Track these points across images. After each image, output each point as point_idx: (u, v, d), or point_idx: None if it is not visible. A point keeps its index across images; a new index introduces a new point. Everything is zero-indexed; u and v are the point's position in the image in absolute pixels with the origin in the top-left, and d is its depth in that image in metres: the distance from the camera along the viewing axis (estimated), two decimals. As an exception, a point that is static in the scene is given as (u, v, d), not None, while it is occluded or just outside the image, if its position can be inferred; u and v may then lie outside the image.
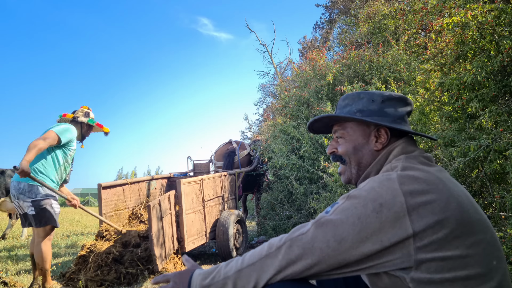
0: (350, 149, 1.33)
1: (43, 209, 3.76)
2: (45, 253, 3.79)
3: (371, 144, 1.30)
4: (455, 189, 1.10)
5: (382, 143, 1.28)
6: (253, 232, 7.94)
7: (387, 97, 1.30)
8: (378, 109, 1.29)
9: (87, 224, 11.39)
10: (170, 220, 4.47)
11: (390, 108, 1.29)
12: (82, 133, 4.26)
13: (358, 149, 1.31)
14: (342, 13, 16.11)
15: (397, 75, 5.93)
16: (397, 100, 1.31)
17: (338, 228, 1.06)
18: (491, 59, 3.24)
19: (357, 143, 1.32)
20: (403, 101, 1.32)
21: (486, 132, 3.07)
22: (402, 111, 1.30)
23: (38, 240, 3.82)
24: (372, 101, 1.30)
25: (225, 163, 7.12)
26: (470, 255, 1.02)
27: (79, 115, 4.20)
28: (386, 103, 1.29)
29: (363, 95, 1.33)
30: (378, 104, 1.29)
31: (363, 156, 1.31)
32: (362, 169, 1.32)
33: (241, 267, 1.14)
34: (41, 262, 3.78)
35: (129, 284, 4.02)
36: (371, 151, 1.30)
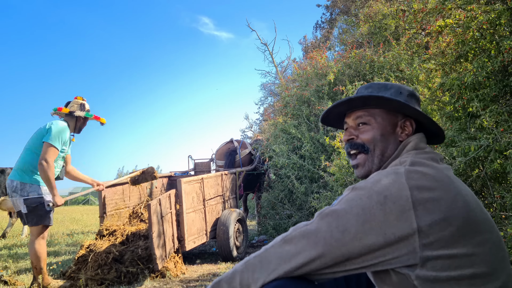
0: (378, 136, 1.27)
1: (35, 207, 3.75)
2: (39, 252, 3.78)
3: (397, 134, 1.28)
4: (462, 188, 1.10)
5: (407, 135, 1.27)
6: (254, 231, 7.95)
7: (412, 92, 1.33)
8: (405, 101, 1.28)
9: (88, 223, 11.41)
10: (170, 219, 4.47)
11: (413, 103, 1.31)
12: (78, 125, 4.20)
13: (385, 137, 1.27)
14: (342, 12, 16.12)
15: (398, 75, 5.93)
16: (416, 98, 1.34)
17: (342, 218, 1.06)
18: (492, 59, 3.24)
19: (385, 131, 1.28)
20: (419, 100, 1.36)
21: (487, 132, 3.07)
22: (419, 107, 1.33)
23: (32, 239, 3.81)
24: (400, 93, 1.31)
25: (226, 161, 7.13)
26: (476, 254, 1.02)
27: (74, 108, 4.12)
28: (411, 98, 1.32)
29: (390, 86, 1.34)
30: (405, 97, 1.30)
31: (388, 146, 1.27)
32: (384, 160, 1.28)
33: (249, 259, 1.16)
34: (35, 260, 3.77)
35: (129, 283, 4.02)
36: (396, 141, 1.27)
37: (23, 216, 3.81)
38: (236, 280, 1.14)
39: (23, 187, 3.75)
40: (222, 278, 1.18)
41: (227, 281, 1.16)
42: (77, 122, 4.18)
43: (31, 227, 3.81)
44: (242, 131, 21.84)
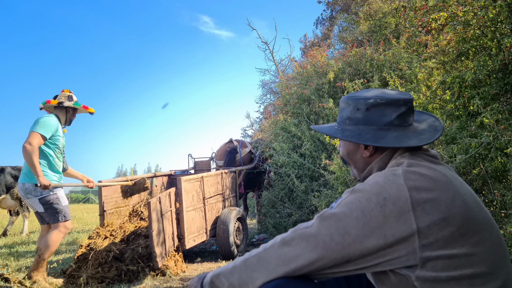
0: (345, 153, 1.38)
1: (51, 204, 3.82)
2: (52, 242, 3.80)
3: (361, 151, 1.31)
4: (460, 187, 1.10)
5: (370, 151, 1.28)
6: (254, 230, 7.95)
7: (371, 104, 1.25)
8: (363, 117, 1.27)
9: (88, 221, 11.42)
10: (170, 217, 4.47)
11: (375, 115, 1.25)
12: (68, 117, 4.23)
13: (351, 154, 1.35)
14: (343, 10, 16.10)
15: (398, 73, 5.92)
16: (384, 105, 1.24)
17: (342, 221, 1.06)
18: (493, 57, 3.24)
19: (349, 149, 1.36)
20: (393, 104, 1.24)
21: (488, 129, 3.06)
22: (390, 117, 1.24)
23: (53, 229, 3.88)
24: (357, 109, 1.29)
25: (226, 160, 7.13)
26: (476, 253, 1.02)
27: (63, 99, 4.14)
28: (371, 110, 1.25)
29: (350, 101, 1.32)
30: (363, 112, 1.27)
31: (357, 161, 1.35)
32: (360, 170, 1.35)
33: (248, 257, 1.17)
34: (44, 249, 3.78)
35: (129, 281, 4.02)
36: (362, 158, 1.32)
37: (41, 216, 3.90)
38: (234, 276, 1.16)
39: (35, 188, 3.79)
40: (221, 271, 1.20)
41: (225, 275, 1.18)
42: (67, 114, 4.21)
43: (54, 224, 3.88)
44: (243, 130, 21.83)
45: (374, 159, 1.28)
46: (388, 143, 1.21)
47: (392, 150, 1.25)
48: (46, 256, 3.80)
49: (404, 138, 1.22)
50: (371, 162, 1.29)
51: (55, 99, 4.15)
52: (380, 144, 1.21)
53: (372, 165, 1.28)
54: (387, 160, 1.25)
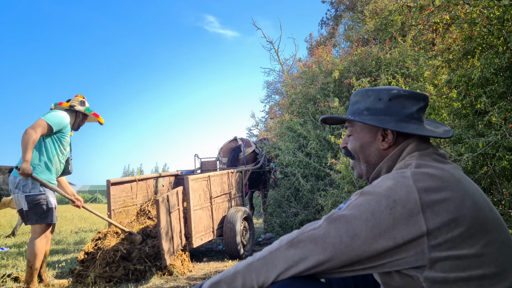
0: (357, 147, 1.33)
1: (37, 204, 3.67)
2: (38, 250, 3.68)
3: (378, 143, 1.28)
4: (470, 187, 1.09)
5: (388, 143, 1.26)
6: (260, 229, 7.96)
7: (395, 94, 1.27)
8: (385, 108, 1.26)
9: (96, 221, 11.48)
10: (178, 215, 4.50)
11: (398, 106, 1.26)
12: (77, 122, 4.19)
13: (364, 147, 1.31)
14: (348, 9, 16.05)
15: (404, 71, 5.90)
16: (406, 97, 1.27)
17: (351, 223, 1.05)
18: (499, 55, 3.22)
19: (364, 141, 1.31)
20: (414, 97, 1.27)
21: (495, 128, 3.05)
22: (411, 109, 1.26)
23: (34, 237, 3.71)
24: (379, 100, 1.28)
25: (230, 158, 7.15)
26: (485, 254, 1.01)
27: (75, 103, 4.10)
28: (394, 101, 1.26)
29: (371, 92, 1.31)
30: (385, 103, 1.27)
31: (370, 154, 1.31)
32: (371, 166, 1.32)
33: (252, 261, 1.14)
34: (32, 259, 3.66)
35: (137, 280, 4.05)
36: (378, 150, 1.29)
37: (24, 214, 3.70)
38: (237, 281, 1.13)
39: (25, 182, 3.67)
40: (221, 278, 1.16)
41: (227, 282, 1.14)
42: (77, 118, 4.17)
43: (34, 226, 3.71)
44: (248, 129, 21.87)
45: (389, 153, 1.27)
46: (414, 131, 1.22)
47: (401, 148, 1.25)
48: (37, 265, 3.69)
49: (425, 130, 1.24)
50: (385, 157, 1.27)
51: (67, 102, 4.12)
52: (406, 130, 1.21)
53: (382, 165, 1.27)
54: (396, 158, 1.24)
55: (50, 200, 3.75)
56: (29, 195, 3.66)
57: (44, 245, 3.75)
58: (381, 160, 1.28)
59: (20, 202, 3.68)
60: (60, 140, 3.93)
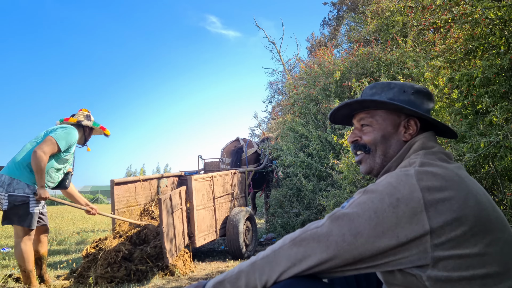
0: (378, 137, 1.29)
1: (18, 206, 3.60)
2: (26, 253, 3.63)
3: (400, 134, 1.27)
4: (473, 186, 1.09)
5: (411, 134, 1.26)
6: (262, 229, 7.97)
7: (417, 89, 1.29)
8: (409, 100, 1.27)
9: (97, 221, 11.51)
10: (181, 215, 4.52)
11: (419, 100, 1.29)
12: (85, 136, 4.17)
13: (386, 137, 1.28)
14: (350, 9, 16.06)
15: (406, 72, 5.90)
16: (425, 94, 1.30)
17: (354, 222, 1.05)
18: (501, 55, 3.22)
19: (386, 131, 1.28)
20: (430, 96, 1.32)
21: (497, 128, 3.05)
22: (428, 106, 1.31)
23: (17, 240, 3.64)
24: (404, 92, 1.29)
25: (233, 159, 7.17)
26: (489, 253, 1.01)
27: (81, 118, 4.10)
28: (416, 95, 1.29)
29: (393, 85, 1.31)
30: (409, 95, 1.28)
31: (390, 146, 1.28)
32: (387, 160, 1.29)
33: (255, 260, 1.14)
34: (23, 263, 3.62)
35: (138, 280, 4.05)
36: (399, 141, 1.27)
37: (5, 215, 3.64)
38: (241, 280, 1.12)
39: (10, 182, 3.62)
40: (225, 277, 1.15)
41: (230, 281, 1.14)
42: (84, 133, 4.16)
43: (16, 227, 3.65)
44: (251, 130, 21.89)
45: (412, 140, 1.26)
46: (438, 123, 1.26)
47: (409, 145, 1.25)
48: (30, 267, 3.66)
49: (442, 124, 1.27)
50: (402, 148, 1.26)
51: (72, 117, 4.10)
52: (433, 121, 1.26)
53: (391, 164, 1.27)
54: (404, 156, 1.24)
55: (32, 205, 3.66)
56: (12, 194, 3.60)
57: (29, 247, 3.68)
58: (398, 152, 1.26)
59: (1, 200, 3.63)
60: (62, 156, 3.88)
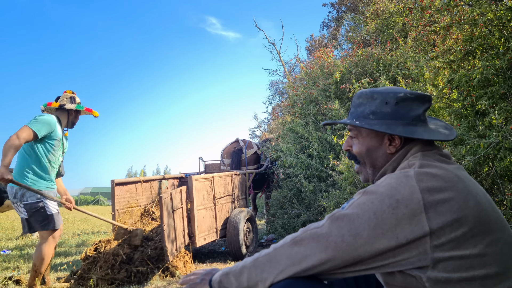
0: (363, 151, 1.31)
1: (36, 212, 3.63)
2: (46, 255, 3.67)
3: (384, 147, 1.27)
4: (473, 187, 1.10)
5: (395, 147, 1.25)
6: (263, 230, 7.97)
7: (401, 98, 1.25)
8: (392, 112, 1.24)
9: (98, 223, 11.50)
10: (181, 214, 4.52)
11: (404, 109, 1.25)
12: (71, 120, 4.05)
13: (371, 151, 1.30)
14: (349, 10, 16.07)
15: (405, 72, 5.91)
16: (413, 100, 1.25)
17: (354, 222, 1.06)
18: (500, 56, 3.22)
19: (370, 145, 1.30)
20: (420, 99, 1.26)
21: (496, 129, 3.05)
22: (418, 111, 1.25)
23: (41, 242, 3.71)
24: (386, 103, 1.25)
25: (233, 160, 7.17)
26: (488, 254, 1.01)
27: (64, 101, 3.96)
28: (400, 104, 1.24)
29: (376, 95, 1.29)
30: (392, 106, 1.25)
31: (377, 159, 1.29)
32: (377, 170, 1.30)
33: (258, 257, 1.16)
34: (39, 263, 3.66)
35: (139, 282, 4.05)
36: (384, 154, 1.28)
37: (25, 223, 3.68)
38: (244, 276, 1.15)
39: (22, 192, 3.62)
40: (230, 270, 1.19)
41: (235, 275, 1.17)
42: (69, 116, 4.03)
43: (40, 232, 3.71)
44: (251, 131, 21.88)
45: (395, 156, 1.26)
46: (422, 135, 1.20)
47: (406, 150, 1.24)
48: (42, 270, 3.69)
49: (432, 132, 1.23)
50: (390, 160, 1.26)
51: (56, 101, 3.99)
52: (415, 135, 1.20)
53: (387, 167, 1.27)
54: (401, 160, 1.24)
55: (48, 207, 3.69)
56: (27, 203, 3.62)
57: (52, 250, 3.75)
58: (387, 162, 1.27)
59: (20, 211, 3.65)
60: (49, 144, 3.81)
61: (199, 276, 1.27)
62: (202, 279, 1.26)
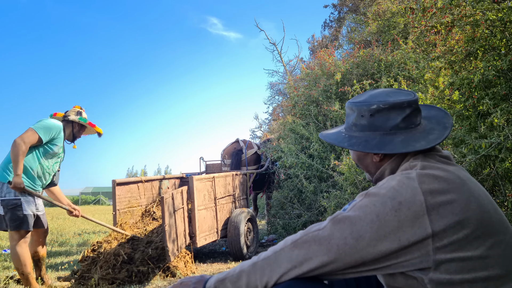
0: (355, 159, 1.39)
1: (12, 209, 3.54)
2: (23, 257, 3.58)
3: (370, 156, 1.31)
4: (475, 188, 1.09)
5: (379, 156, 1.28)
6: (263, 230, 7.97)
7: (375, 109, 1.24)
8: (368, 124, 1.26)
9: (99, 223, 11.49)
10: (182, 214, 4.53)
11: (380, 120, 1.24)
12: (73, 133, 4.10)
13: (361, 160, 1.36)
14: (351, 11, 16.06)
15: (406, 73, 5.91)
16: (388, 109, 1.23)
17: (356, 225, 1.05)
18: (502, 57, 3.22)
19: (359, 155, 1.36)
20: (396, 108, 1.23)
21: (498, 130, 3.05)
22: (395, 120, 1.23)
23: (13, 244, 3.58)
24: (362, 116, 1.27)
25: (233, 161, 7.17)
26: (490, 256, 1.01)
27: (70, 114, 4.04)
28: (376, 116, 1.24)
29: (354, 107, 1.30)
30: (367, 119, 1.26)
31: (367, 165, 1.35)
32: (372, 173, 1.35)
33: (256, 260, 1.14)
34: (20, 266, 3.57)
35: (140, 282, 4.06)
36: (372, 162, 1.32)
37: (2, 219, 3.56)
38: (242, 280, 1.13)
39: (1, 186, 3.58)
40: (226, 276, 1.15)
41: (231, 280, 1.14)
42: (73, 129, 4.09)
43: (11, 232, 3.58)
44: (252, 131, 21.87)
45: (385, 162, 1.27)
46: (395, 149, 1.19)
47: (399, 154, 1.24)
48: (28, 270, 3.62)
49: (411, 141, 1.20)
50: (382, 166, 1.29)
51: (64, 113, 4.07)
52: (387, 151, 1.20)
53: (384, 167, 1.27)
54: (399, 161, 1.24)
55: (25, 207, 3.60)
56: (4, 199, 3.55)
57: (25, 250, 3.63)
58: (379, 168, 1.30)
59: None
60: (46, 150, 3.80)
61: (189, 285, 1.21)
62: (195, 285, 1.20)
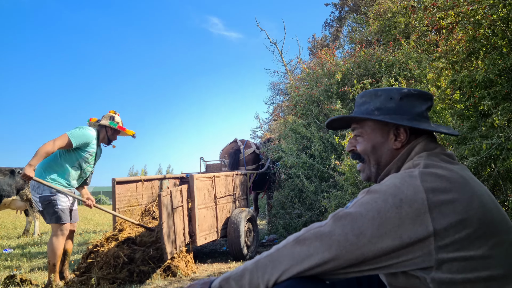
0: (368, 148, 1.31)
1: (48, 204, 3.91)
2: (55, 248, 3.91)
3: (390, 142, 1.27)
4: (478, 188, 1.09)
5: (401, 142, 1.25)
6: (264, 230, 7.96)
7: (405, 94, 1.26)
8: (396, 107, 1.26)
9: (99, 222, 11.52)
10: (181, 213, 4.51)
11: (408, 105, 1.26)
12: (108, 136, 4.38)
13: (376, 148, 1.29)
14: (352, 10, 16.04)
15: (407, 73, 5.89)
16: (417, 97, 1.27)
17: (357, 221, 1.05)
18: (504, 57, 3.21)
19: (375, 142, 1.30)
20: (422, 96, 1.28)
21: (499, 130, 3.04)
22: (421, 108, 1.27)
23: (51, 235, 3.97)
24: (390, 99, 1.27)
25: (230, 161, 7.16)
26: (493, 256, 1.01)
27: (103, 119, 4.34)
28: (405, 100, 1.26)
29: (380, 92, 1.30)
30: (396, 102, 1.26)
31: (382, 155, 1.29)
32: (381, 168, 1.30)
33: (259, 258, 1.14)
34: (51, 256, 3.92)
35: (140, 281, 4.06)
36: (390, 150, 1.27)
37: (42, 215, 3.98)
38: (245, 278, 1.13)
39: (39, 184, 3.90)
40: (231, 275, 1.16)
41: (235, 278, 1.14)
42: (106, 133, 4.37)
43: (51, 225, 3.96)
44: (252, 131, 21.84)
45: (400, 153, 1.26)
46: (429, 128, 1.22)
47: (410, 147, 1.24)
48: (56, 261, 3.93)
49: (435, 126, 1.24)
50: (396, 157, 1.26)
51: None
52: (422, 126, 1.21)
53: (391, 166, 1.27)
54: (405, 158, 1.24)
55: (59, 202, 3.93)
56: (41, 196, 3.91)
57: (60, 243, 3.96)
58: (392, 160, 1.27)
59: (36, 203, 3.96)
60: (80, 155, 4.12)
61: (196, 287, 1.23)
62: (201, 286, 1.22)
